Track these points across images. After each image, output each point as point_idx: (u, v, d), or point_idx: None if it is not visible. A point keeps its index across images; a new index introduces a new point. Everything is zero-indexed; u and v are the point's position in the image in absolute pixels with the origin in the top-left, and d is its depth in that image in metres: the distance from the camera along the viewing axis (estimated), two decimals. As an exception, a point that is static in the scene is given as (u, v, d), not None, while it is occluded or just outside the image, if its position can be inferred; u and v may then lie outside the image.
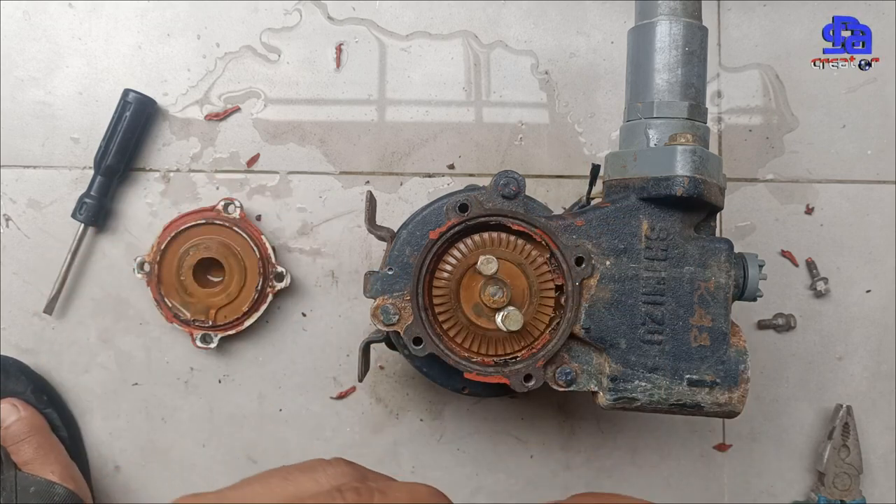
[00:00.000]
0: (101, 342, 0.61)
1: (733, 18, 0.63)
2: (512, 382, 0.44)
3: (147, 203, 0.61)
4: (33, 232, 0.61)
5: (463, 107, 0.62)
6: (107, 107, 0.60)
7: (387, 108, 0.62)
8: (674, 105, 0.44)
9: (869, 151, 0.63)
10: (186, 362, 0.61)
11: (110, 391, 0.61)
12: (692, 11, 0.45)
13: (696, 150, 0.42)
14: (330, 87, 0.62)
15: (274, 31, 0.62)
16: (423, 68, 0.62)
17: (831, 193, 0.63)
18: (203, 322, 0.58)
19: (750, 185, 0.63)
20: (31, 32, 0.61)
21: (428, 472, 0.62)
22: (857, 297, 0.63)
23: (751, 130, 0.63)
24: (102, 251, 0.61)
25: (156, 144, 0.61)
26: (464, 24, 0.62)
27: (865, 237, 0.63)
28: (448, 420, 0.62)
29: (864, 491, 0.62)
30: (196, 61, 0.61)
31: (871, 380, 0.63)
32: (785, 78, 0.63)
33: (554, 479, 0.62)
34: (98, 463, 0.61)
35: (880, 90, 0.63)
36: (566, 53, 0.62)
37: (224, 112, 0.61)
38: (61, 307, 0.61)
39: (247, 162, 0.62)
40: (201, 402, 0.61)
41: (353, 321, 0.62)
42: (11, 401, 0.56)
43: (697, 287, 0.43)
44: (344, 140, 0.62)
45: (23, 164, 0.61)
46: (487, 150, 0.62)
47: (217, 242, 0.58)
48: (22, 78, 0.61)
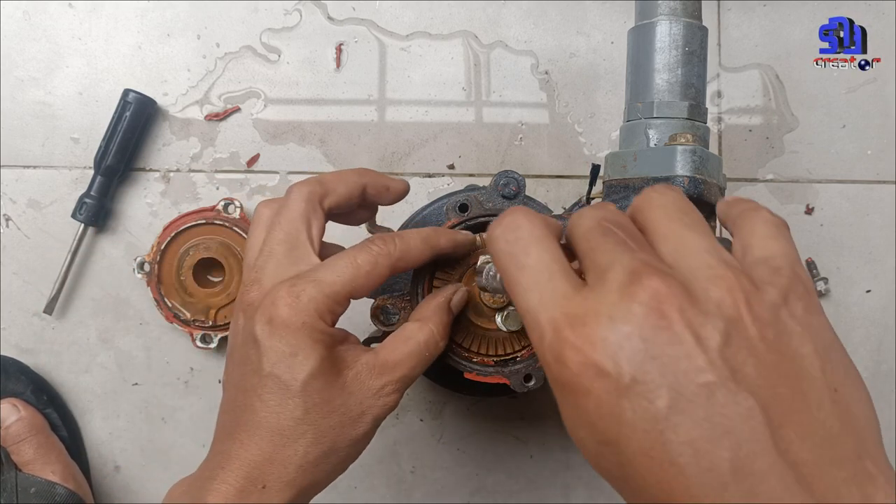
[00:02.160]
0: (101, 342, 0.61)
1: (733, 18, 0.63)
2: (512, 382, 0.44)
3: (147, 203, 0.61)
4: (33, 232, 0.61)
5: (463, 107, 0.62)
6: (107, 107, 0.60)
7: (387, 108, 0.62)
8: (674, 105, 0.44)
9: (869, 151, 0.63)
10: (186, 362, 0.61)
11: (110, 391, 0.61)
12: (692, 11, 0.45)
13: (696, 150, 0.42)
14: (330, 87, 0.62)
15: (274, 31, 0.62)
16: (423, 68, 0.62)
17: (831, 193, 0.63)
18: (203, 322, 0.58)
19: (750, 185, 0.63)
20: (31, 32, 0.61)
21: (428, 472, 0.62)
22: (857, 297, 0.63)
23: (751, 130, 0.63)
24: (102, 251, 0.61)
25: (156, 144, 0.61)
26: (464, 24, 0.62)
27: (865, 237, 0.63)
28: (448, 420, 0.62)
29: (864, 491, 0.62)
30: (196, 61, 0.61)
31: (871, 380, 0.63)
32: (785, 78, 0.63)
33: (554, 479, 0.62)
34: (98, 463, 0.61)
35: (880, 90, 0.63)
36: (566, 53, 0.62)
37: (224, 112, 0.61)
38: (61, 307, 0.61)
39: (247, 162, 0.62)
40: (201, 402, 0.61)
41: (353, 321, 0.62)
42: (11, 401, 0.56)
43: (697, 287, 0.43)
44: (344, 140, 0.62)
45: (23, 164, 0.61)
46: (487, 150, 0.62)
47: (217, 242, 0.58)
48: (22, 78, 0.61)
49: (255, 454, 0.35)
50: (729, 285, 0.25)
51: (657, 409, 0.23)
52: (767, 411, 0.23)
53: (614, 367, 0.24)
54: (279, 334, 0.35)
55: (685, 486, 0.23)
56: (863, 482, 0.23)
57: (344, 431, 0.36)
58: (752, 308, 0.25)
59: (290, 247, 0.38)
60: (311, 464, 0.36)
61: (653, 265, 0.26)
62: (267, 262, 0.38)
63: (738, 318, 0.24)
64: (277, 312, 0.35)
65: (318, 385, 0.35)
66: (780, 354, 0.25)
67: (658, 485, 0.24)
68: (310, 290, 0.35)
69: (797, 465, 0.23)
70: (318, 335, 0.35)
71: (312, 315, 0.35)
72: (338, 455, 0.37)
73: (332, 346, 0.36)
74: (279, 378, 0.35)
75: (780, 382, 0.24)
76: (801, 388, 0.24)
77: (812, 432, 0.24)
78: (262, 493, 0.35)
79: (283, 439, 0.35)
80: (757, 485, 0.23)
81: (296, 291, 0.35)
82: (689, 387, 0.23)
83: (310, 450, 0.35)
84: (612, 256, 0.26)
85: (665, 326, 0.24)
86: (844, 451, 0.24)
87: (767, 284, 0.26)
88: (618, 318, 0.24)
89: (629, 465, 0.24)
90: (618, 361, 0.24)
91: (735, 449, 0.23)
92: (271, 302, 0.35)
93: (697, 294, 0.25)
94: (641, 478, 0.24)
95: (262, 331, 0.35)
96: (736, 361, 0.24)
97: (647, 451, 0.24)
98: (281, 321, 0.35)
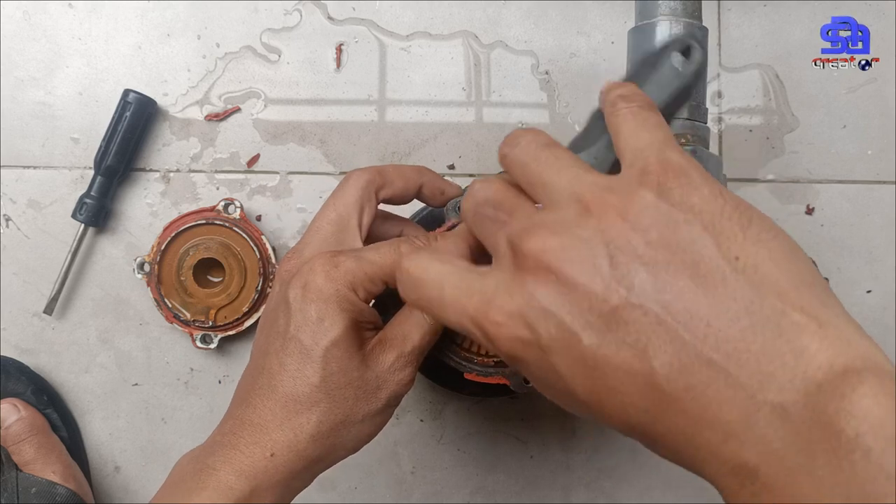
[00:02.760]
0: (101, 342, 0.61)
1: (733, 18, 0.63)
2: (512, 383, 0.44)
3: (147, 203, 0.61)
4: (33, 232, 0.61)
5: (463, 107, 0.62)
6: (107, 107, 0.60)
7: (387, 109, 0.62)
8: (673, 105, 0.44)
9: (869, 151, 0.63)
10: (186, 363, 0.61)
11: (110, 391, 0.61)
12: (692, 11, 0.45)
13: (695, 150, 0.42)
14: (330, 87, 0.62)
15: (274, 32, 0.62)
16: (424, 68, 0.62)
17: (832, 194, 0.63)
18: (203, 322, 0.58)
19: (750, 186, 0.63)
20: (31, 32, 0.61)
21: (428, 472, 0.62)
22: (857, 298, 0.63)
23: (751, 130, 0.63)
24: (102, 251, 0.61)
25: (156, 144, 0.61)
26: (464, 24, 0.62)
27: (866, 237, 0.63)
28: (448, 420, 0.62)
29: (865, 491, 0.62)
30: (196, 61, 0.61)
31: (872, 380, 0.63)
32: (785, 78, 0.63)
33: (554, 479, 0.62)
34: (98, 463, 0.61)
35: (880, 90, 0.63)
36: (567, 53, 0.62)
37: (224, 112, 0.61)
38: (61, 307, 0.61)
39: (247, 162, 0.62)
40: (201, 403, 0.61)
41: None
42: (11, 401, 0.56)
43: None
44: (344, 140, 0.62)
45: (23, 164, 0.61)
46: (487, 150, 0.62)
47: (217, 243, 0.58)
48: (22, 78, 0.61)
49: (266, 419, 0.36)
50: (598, 210, 0.26)
51: (582, 353, 0.25)
52: (670, 311, 0.24)
53: (531, 333, 0.26)
54: (310, 298, 0.36)
55: (623, 405, 0.25)
56: (791, 337, 0.23)
57: (358, 405, 0.37)
58: (628, 218, 0.26)
59: (338, 228, 0.39)
60: (324, 434, 0.36)
61: (527, 228, 0.27)
62: (313, 238, 0.39)
63: (616, 235, 0.26)
64: (313, 279, 0.36)
65: (338, 353, 0.36)
66: (670, 249, 0.25)
67: (609, 409, 0.26)
68: (349, 262, 0.36)
69: (721, 345, 0.24)
70: (347, 305, 0.36)
71: (346, 285, 0.36)
72: (350, 430, 0.37)
73: (360, 321, 0.37)
74: (301, 342, 0.35)
75: (677, 277, 0.25)
76: (699, 273, 0.25)
77: (724, 309, 0.24)
78: (269, 460, 0.35)
79: (297, 405, 0.35)
80: (694, 386, 0.24)
81: (335, 261, 0.36)
82: (598, 321, 0.25)
83: (323, 419, 0.36)
84: (494, 238, 0.29)
85: (555, 280, 0.26)
86: (764, 313, 0.24)
87: (638, 185, 0.26)
88: (515, 290, 0.27)
89: (585, 406, 0.27)
90: (532, 328, 0.26)
91: (660, 358, 0.24)
92: (309, 269, 0.36)
93: (573, 230, 0.26)
94: (599, 411, 0.26)
95: (295, 295, 0.36)
96: (628, 278, 0.25)
97: (592, 389, 0.26)
98: (315, 287, 0.36)
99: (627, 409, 0.25)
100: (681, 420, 0.24)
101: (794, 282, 0.25)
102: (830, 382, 0.22)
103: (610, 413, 0.26)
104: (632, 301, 0.25)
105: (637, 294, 0.25)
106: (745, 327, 0.24)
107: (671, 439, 0.25)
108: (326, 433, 0.36)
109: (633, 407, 0.25)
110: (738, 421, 0.23)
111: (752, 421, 0.23)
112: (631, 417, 0.26)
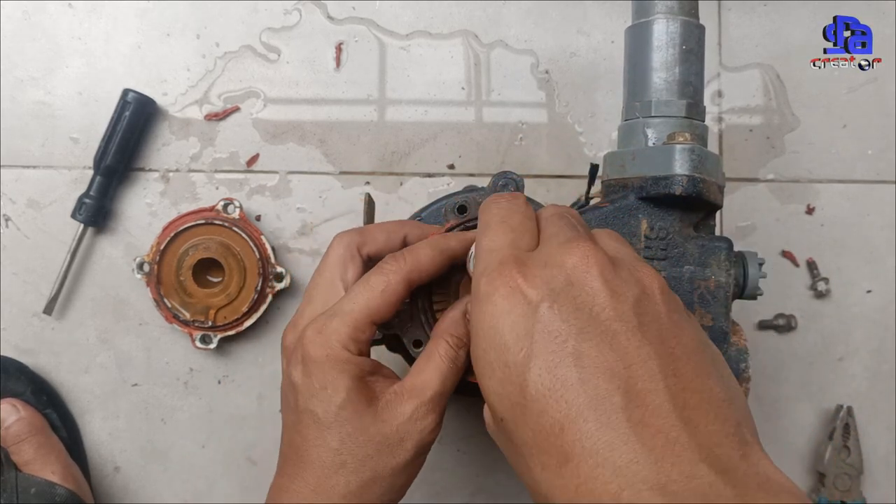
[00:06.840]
0: (101, 342, 0.61)
1: (733, 18, 0.63)
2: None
3: (147, 203, 0.61)
4: (33, 232, 0.61)
5: (463, 107, 0.62)
6: (106, 107, 0.60)
7: (387, 108, 0.62)
8: (671, 104, 0.44)
9: (869, 151, 0.63)
10: (186, 363, 0.61)
11: (110, 391, 0.61)
12: (689, 10, 0.45)
13: (694, 148, 0.42)
14: (330, 86, 0.62)
15: (274, 31, 0.62)
16: (423, 68, 0.62)
17: (832, 193, 0.63)
18: (203, 322, 0.58)
19: (750, 185, 0.63)
20: (31, 32, 0.61)
21: (428, 472, 0.62)
22: (857, 298, 0.63)
23: (751, 130, 0.63)
24: (102, 251, 0.61)
25: (155, 144, 0.61)
26: (464, 23, 0.62)
27: (866, 237, 0.63)
28: (448, 421, 0.62)
29: (865, 492, 0.62)
30: (196, 61, 0.61)
31: (872, 380, 0.63)
32: (785, 78, 0.63)
33: (554, 479, 0.62)
34: (98, 463, 0.61)
35: (881, 90, 0.63)
36: (566, 53, 0.62)
37: (224, 112, 0.61)
38: (61, 307, 0.61)
39: (246, 162, 0.61)
40: (201, 403, 0.61)
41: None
42: (11, 401, 0.56)
43: (697, 286, 0.43)
44: (344, 140, 0.62)
45: (22, 164, 0.61)
46: (487, 150, 0.62)
47: (217, 243, 0.58)
48: (22, 78, 0.61)
49: (301, 487, 0.37)
50: (647, 270, 0.31)
51: (558, 330, 0.28)
52: (662, 361, 0.28)
53: (536, 294, 0.29)
54: (310, 371, 0.37)
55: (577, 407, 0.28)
56: (742, 442, 0.27)
57: (383, 460, 0.37)
58: (663, 290, 0.31)
59: (324, 290, 0.40)
60: (354, 493, 0.37)
61: (591, 238, 0.32)
62: (305, 307, 0.41)
63: (650, 293, 0.30)
64: (307, 351, 0.37)
65: (349, 414, 0.36)
66: (679, 329, 0.29)
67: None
68: (331, 323, 0.37)
69: (685, 408, 0.27)
70: (343, 365, 0.37)
71: (336, 346, 0.37)
72: (381, 485, 0.37)
73: (361, 375, 0.37)
74: (313, 413, 0.37)
75: (676, 346, 0.29)
76: (696, 358, 0.29)
77: (701, 389, 0.28)
78: None
79: (325, 470, 0.37)
80: (646, 412, 0.26)
81: (319, 327, 0.37)
82: (596, 323, 0.28)
83: (351, 479, 0.36)
84: (561, 230, 0.33)
85: (587, 280, 0.29)
86: (728, 414, 0.27)
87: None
88: (551, 263, 0.30)
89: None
90: (540, 290, 0.29)
91: (627, 381, 0.27)
92: (301, 342, 0.37)
93: (622, 267, 0.30)
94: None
95: (297, 370, 0.37)
96: (644, 319, 0.29)
97: (552, 368, 0.28)
98: (311, 359, 0.37)
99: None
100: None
101: (745, 408, 0.30)
102: None
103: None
104: (636, 333, 0.29)
105: (644, 333, 0.29)
106: (710, 413, 0.28)
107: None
108: (357, 492, 0.37)
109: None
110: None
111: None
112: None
